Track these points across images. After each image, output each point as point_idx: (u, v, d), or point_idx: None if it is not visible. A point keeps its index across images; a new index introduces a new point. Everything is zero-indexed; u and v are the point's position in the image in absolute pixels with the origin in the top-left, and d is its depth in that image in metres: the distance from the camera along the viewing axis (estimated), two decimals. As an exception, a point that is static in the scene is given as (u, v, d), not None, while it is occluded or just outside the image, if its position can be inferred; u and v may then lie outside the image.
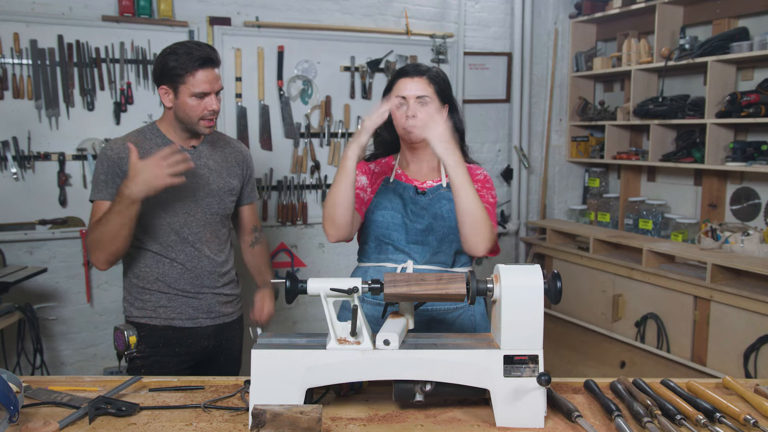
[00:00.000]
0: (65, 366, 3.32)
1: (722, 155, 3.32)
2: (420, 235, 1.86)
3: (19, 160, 3.11)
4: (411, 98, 1.84)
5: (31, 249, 3.20)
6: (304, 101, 3.69)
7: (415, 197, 1.89)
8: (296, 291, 1.44)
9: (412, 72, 1.88)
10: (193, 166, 1.95)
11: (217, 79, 1.99)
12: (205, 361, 2.16)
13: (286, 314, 3.74)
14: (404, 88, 1.86)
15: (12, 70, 3.07)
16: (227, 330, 2.20)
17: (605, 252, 3.77)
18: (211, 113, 1.99)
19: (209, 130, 2.03)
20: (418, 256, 1.86)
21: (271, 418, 1.26)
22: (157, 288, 2.07)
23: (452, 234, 1.85)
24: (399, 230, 1.87)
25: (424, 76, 1.87)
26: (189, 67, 1.92)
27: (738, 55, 3.18)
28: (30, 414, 1.43)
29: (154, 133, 2.07)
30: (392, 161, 2.00)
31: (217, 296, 2.15)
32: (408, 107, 1.84)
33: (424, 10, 3.95)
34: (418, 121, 1.83)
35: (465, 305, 1.92)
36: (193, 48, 1.95)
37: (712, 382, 1.63)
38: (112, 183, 1.99)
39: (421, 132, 1.78)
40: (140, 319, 2.07)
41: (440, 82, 1.90)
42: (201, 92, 1.95)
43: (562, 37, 4.33)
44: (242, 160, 2.24)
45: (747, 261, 3.01)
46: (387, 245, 1.89)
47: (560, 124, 4.41)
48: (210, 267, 2.11)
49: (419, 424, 1.39)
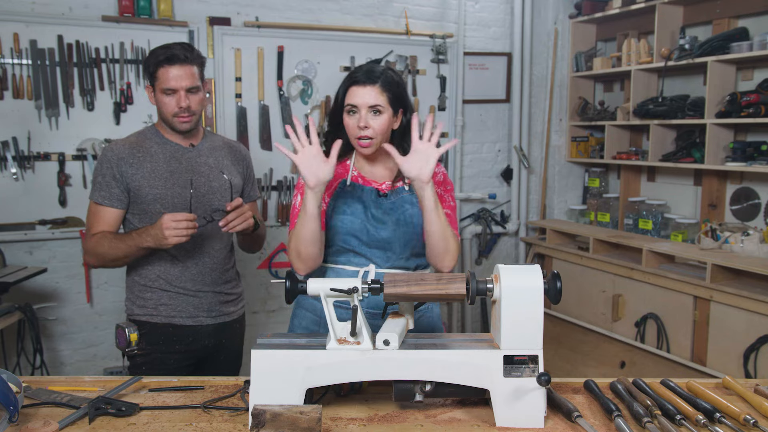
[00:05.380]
0: (65, 366, 3.32)
1: (722, 155, 3.32)
2: (382, 240, 1.81)
3: (19, 160, 3.11)
4: (363, 107, 1.75)
5: (31, 249, 3.20)
6: (304, 101, 3.69)
7: (377, 200, 1.83)
8: (296, 291, 1.44)
9: (363, 79, 1.76)
10: (195, 231, 1.94)
11: (188, 77, 1.99)
12: (205, 360, 2.17)
13: (286, 314, 3.74)
14: (355, 96, 1.76)
15: (12, 70, 3.07)
16: (228, 329, 2.20)
17: (605, 252, 3.76)
18: (182, 110, 2.01)
19: (185, 126, 2.05)
20: (380, 260, 1.81)
21: (271, 418, 1.26)
22: (158, 286, 2.08)
23: (415, 239, 1.82)
24: (360, 235, 1.80)
25: (377, 84, 1.76)
26: (157, 64, 1.99)
27: (738, 55, 3.18)
28: (30, 414, 1.43)
29: (153, 134, 2.11)
30: (347, 161, 1.90)
31: (218, 295, 2.15)
32: (360, 117, 1.76)
33: (424, 10, 3.95)
34: (369, 132, 1.76)
35: (426, 306, 1.91)
36: (168, 46, 2.00)
37: (712, 382, 1.63)
38: (107, 186, 2.02)
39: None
40: (141, 317, 2.08)
41: (394, 88, 1.78)
42: (168, 88, 1.98)
43: (562, 37, 4.33)
44: (242, 158, 2.26)
45: (747, 261, 3.00)
46: (347, 251, 1.82)
47: (560, 124, 4.41)
48: (211, 265, 2.12)
49: (419, 424, 1.39)
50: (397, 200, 1.84)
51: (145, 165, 2.04)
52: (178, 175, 2.07)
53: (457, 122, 4.07)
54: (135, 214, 2.07)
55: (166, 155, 2.08)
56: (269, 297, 3.72)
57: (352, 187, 1.84)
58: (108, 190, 2.02)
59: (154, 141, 2.09)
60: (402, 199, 1.84)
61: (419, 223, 1.81)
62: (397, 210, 1.82)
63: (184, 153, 2.10)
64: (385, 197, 1.84)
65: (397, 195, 1.85)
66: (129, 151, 2.04)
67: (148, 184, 2.03)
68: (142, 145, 2.07)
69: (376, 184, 1.87)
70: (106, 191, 2.02)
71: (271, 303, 3.72)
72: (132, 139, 2.10)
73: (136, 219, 2.08)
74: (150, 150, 2.07)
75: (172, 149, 2.09)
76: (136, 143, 2.07)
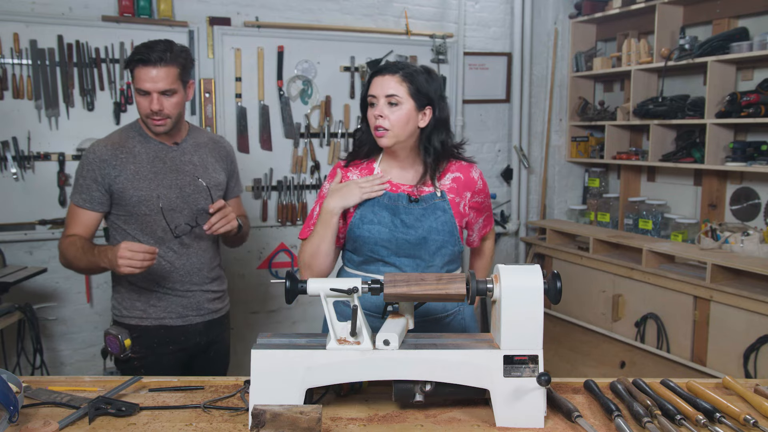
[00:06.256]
0: (65, 366, 3.32)
1: (722, 155, 3.32)
2: (412, 249, 1.77)
3: (19, 160, 3.11)
4: (380, 97, 1.72)
5: (31, 249, 3.20)
6: (304, 101, 3.69)
7: (408, 206, 1.77)
8: (296, 291, 1.44)
9: (383, 69, 1.74)
10: (152, 264, 1.90)
11: (161, 79, 1.93)
12: (196, 356, 2.18)
13: (286, 314, 3.74)
14: (375, 86, 1.74)
15: (12, 70, 3.07)
16: (217, 325, 2.21)
17: (605, 252, 3.76)
18: (153, 113, 1.96)
19: (159, 129, 2.01)
20: (409, 269, 1.78)
21: (271, 418, 1.26)
22: (146, 287, 2.06)
23: (445, 246, 1.79)
24: (388, 245, 1.77)
25: (397, 73, 1.72)
26: (132, 64, 1.95)
27: (738, 55, 3.18)
28: (30, 414, 1.43)
29: (136, 132, 2.07)
30: (373, 164, 1.86)
31: (205, 293, 2.16)
32: (377, 107, 1.73)
33: (424, 10, 3.95)
34: (385, 123, 1.72)
35: (457, 309, 1.90)
36: (147, 45, 1.95)
37: (712, 382, 1.63)
38: (87, 188, 1.99)
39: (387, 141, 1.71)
40: (131, 320, 2.07)
41: (417, 81, 1.72)
42: (141, 89, 1.95)
43: (562, 37, 4.33)
44: (225, 155, 2.24)
45: (747, 261, 3.00)
46: (376, 260, 1.79)
47: (560, 124, 4.41)
48: (198, 264, 2.12)
49: (419, 424, 1.39)
50: (428, 206, 1.79)
51: (129, 167, 2.01)
52: (162, 175, 2.04)
53: (457, 122, 4.07)
54: (120, 216, 2.05)
55: (149, 155, 2.04)
56: (269, 297, 3.72)
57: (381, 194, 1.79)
58: (88, 193, 2.00)
59: (136, 140, 2.05)
60: (434, 205, 1.79)
61: (451, 230, 1.79)
62: (429, 217, 1.78)
63: (167, 152, 2.07)
64: (416, 203, 1.78)
65: (429, 201, 1.79)
66: (112, 152, 2.00)
67: (132, 186, 1.99)
68: (124, 145, 2.03)
69: (406, 188, 1.81)
70: (87, 194, 2.00)
71: (271, 303, 3.72)
72: (115, 139, 2.05)
73: (121, 221, 2.05)
74: (133, 150, 2.03)
75: (156, 148, 2.06)
76: (119, 143, 2.03)
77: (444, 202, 1.80)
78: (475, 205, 1.90)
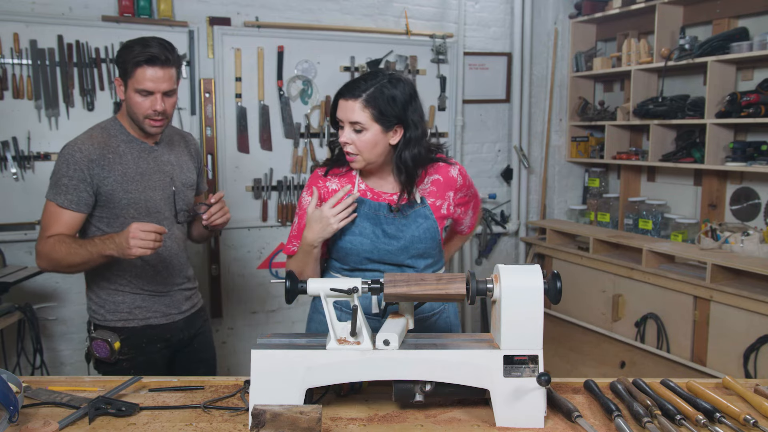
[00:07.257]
0: (65, 366, 3.32)
1: (722, 155, 3.32)
2: (394, 257, 1.79)
3: (19, 160, 3.11)
4: (345, 122, 1.70)
5: (31, 249, 3.19)
6: (304, 101, 3.69)
7: (388, 216, 1.77)
8: (296, 291, 1.44)
9: (346, 92, 1.70)
10: (161, 246, 1.87)
11: (166, 79, 1.90)
12: (181, 350, 2.19)
13: (285, 314, 3.74)
14: (340, 110, 1.71)
15: (12, 70, 3.07)
16: (196, 318, 2.23)
17: (605, 252, 3.76)
18: (156, 113, 1.92)
19: (155, 130, 1.97)
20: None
21: (271, 418, 1.26)
22: (130, 290, 2.04)
23: (426, 251, 1.81)
24: (370, 255, 1.78)
25: (359, 98, 1.67)
26: (135, 63, 1.87)
27: (738, 55, 3.18)
28: (30, 414, 1.43)
29: (117, 130, 2.00)
30: (353, 171, 1.83)
31: (183, 291, 2.17)
32: (344, 131, 1.71)
33: (424, 10, 3.95)
34: (352, 149, 1.71)
35: (442, 308, 1.92)
36: (148, 43, 1.89)
37: (712, 382, 1.63)
38: (74, 189, 1.90)
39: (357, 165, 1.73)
40: (116, 322, 2.03)
41: (381, 104, 1.67)
42: (144, 90, 1.89)
43: (562, 37, 4.33)
44: (195, 152, 2.24)
45: (747, 261, 3.00)
46: (362, 270, 1.81)
47: (560, 124, 4.41)
48: (178, 265, 2.12)
49: (419, 424, 1.39)
50: (410, 214, 1.79)
51: (116, 168, 1.95)
52: (148, 176, 2.01)
53: (457, 122, 4.07)
54: (103, 219, 1.98)
55: (134, 155, 2.00)
56: (269, 297, 3.72)
57: (360, 204, 1.78)
58: (76, 194, 1.90)
59: (120, 139, 1.99)
60: (416, 213, 1.79)
61: (433, 236, 1.80)
62: (410, 225, 1.78)
63: (150, 152, 2.04)
64: (399, 211, 1.78)
65: (410, 209, 1.79)
66: (99, 152, 1.93)
67: (122, 188, 1.95)
68: (109, 144, 1.96)
69: (387, 196, 1.81)
70: (74, 195, 1.90)
71: (271, 303, 3.72)
72: (97, 137, 1.96)
73: (104, 224, 1.98)
74: (118, 150, 1.97)
75: (139, 148, 2.01)
76: (104, 143, 1.95)
77: (425, 209, 1.80)
78: (461, 201, 1.92)
